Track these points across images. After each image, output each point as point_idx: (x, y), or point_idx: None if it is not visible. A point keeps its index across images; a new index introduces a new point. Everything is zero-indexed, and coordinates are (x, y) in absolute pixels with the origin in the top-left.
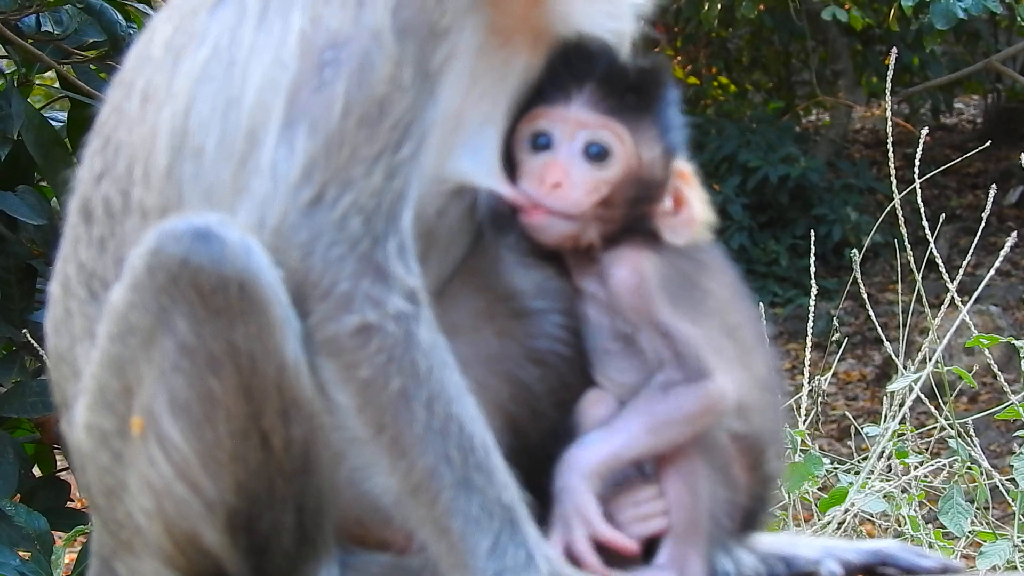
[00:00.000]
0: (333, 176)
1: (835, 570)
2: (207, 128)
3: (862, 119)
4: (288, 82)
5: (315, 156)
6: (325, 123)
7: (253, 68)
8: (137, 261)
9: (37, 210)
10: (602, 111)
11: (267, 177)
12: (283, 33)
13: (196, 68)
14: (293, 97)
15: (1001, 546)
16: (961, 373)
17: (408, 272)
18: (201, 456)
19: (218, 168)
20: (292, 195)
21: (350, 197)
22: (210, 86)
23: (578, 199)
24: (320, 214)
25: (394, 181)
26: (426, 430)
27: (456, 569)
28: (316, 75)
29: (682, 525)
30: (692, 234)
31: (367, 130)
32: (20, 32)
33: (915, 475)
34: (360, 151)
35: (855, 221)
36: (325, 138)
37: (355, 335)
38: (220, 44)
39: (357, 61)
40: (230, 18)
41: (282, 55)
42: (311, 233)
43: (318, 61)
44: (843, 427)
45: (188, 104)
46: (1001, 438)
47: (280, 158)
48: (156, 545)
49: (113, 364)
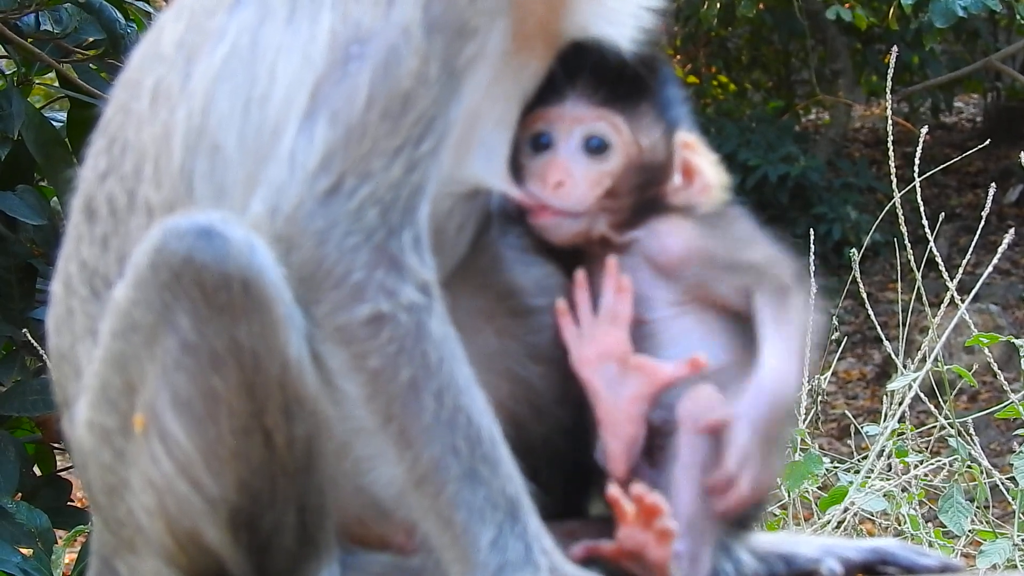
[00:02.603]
0: (352, 167)
1: (835, 569)
2: (227, 127)
3: (862, 118)
4: (313, 77)
5: (335, 146)
6: (347, 114)
7: (281, 68)
8: (140, 258)
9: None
10: (596, 103)
11: (284, 165)
12: (312, 32)
13: (214, 67)
14: (316, 90)
15: (1001, 545)
16: (961, 372)
17: (422, 264)
18: (203, 454)
19: (235, 166)
20: (309, 183)
21: (368, 188)
22: (230, 85)
23: (582, 195)
24: (337, 203)
25: (413, 175)
26: (434, 421)
27: (458, 562)
28: (340, 68)
29: (693, 520)
30: (709, 200)
31: (389, 123)
32: (19, 31)
33: (915, 474)
34: (381, 144)
35: (855, 220)
36: (346, 129)
37: (367, 324)
38: (240, 43)
39: (383, 55)
40: (250, 18)
41: (311, 53)
42: (326, 222)
43: (344, 55)
44: (843, 426)
45: (206, 103)
46: (1001, 437)
47: (299, 147)
48: (157, 543)
49: (116, 361)
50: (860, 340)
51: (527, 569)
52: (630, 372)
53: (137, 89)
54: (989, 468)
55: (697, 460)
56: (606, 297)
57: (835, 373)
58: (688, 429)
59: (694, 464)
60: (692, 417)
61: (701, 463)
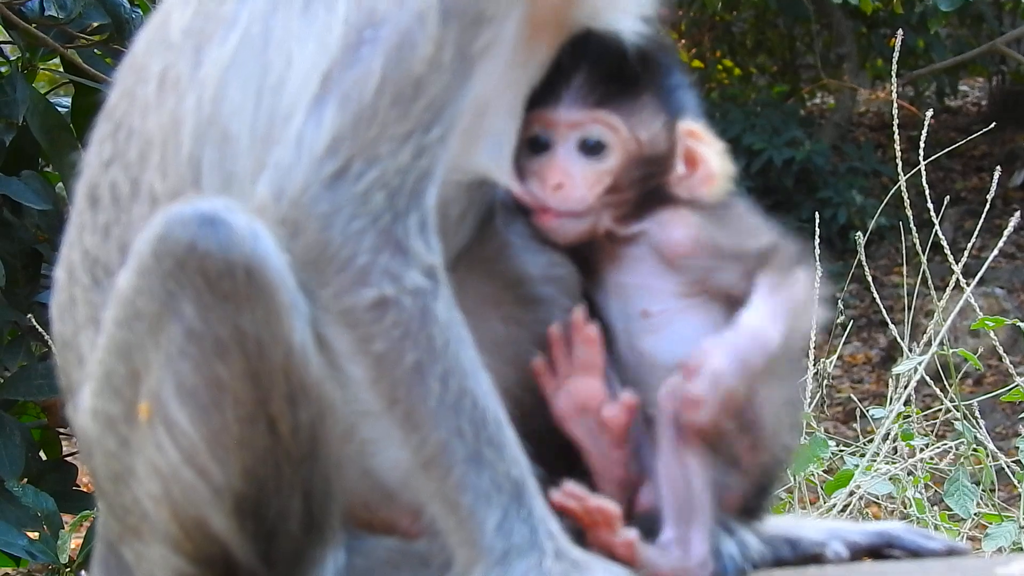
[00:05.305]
0: (360, 151)
1: (841, 552)
2: (238, 115)
3: (867, 102)
4: (327, 63)
5: (344, 130)
6: (358, 98)
7: (296, 56)
8: (144, 246)
9: (42, 195)
10: (590, 105)
11: (292, 148)
12: (328, 20)
13: (225, 55)
14: (328, 74)
15: (1007, 528)
16: (967, 355)
17: (427, 249)
18: (208, 441)
19: (244, 155)
20: (316, 167)
21: (375, 172)
22: (241, 74)
23: (582, 196)
24: (343, 187)
25: (421, 160)
26: (439, 404)
27: (464, 545)
28: (353, 52)
29: (680, 504)
30: (714, 189)
31: (400, 108)
32: (24, 16)
33: (921, 457)
34: (390, 129)
35: (860, 204)
36: (356, 113)
37: (371, 309)
38: (252, 32)
39: (397, 40)
40: (262, 5)
41: (327, 42)
42: (332, 205)
43: (356, 39)
44: (848, 410)
45: (217, 92)
46: (1007, 420)
47: (308, 130)
48: (163, 530)
49: (120, 349)
50: (865, 324)
51: (532, 553)
52: (606, 422)
53: (143, 74)
54: (995, 451)
55: (679, 447)
56: (576, 349)
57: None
58: (668, 417)
59: (676, 450)
60: (672, 404)
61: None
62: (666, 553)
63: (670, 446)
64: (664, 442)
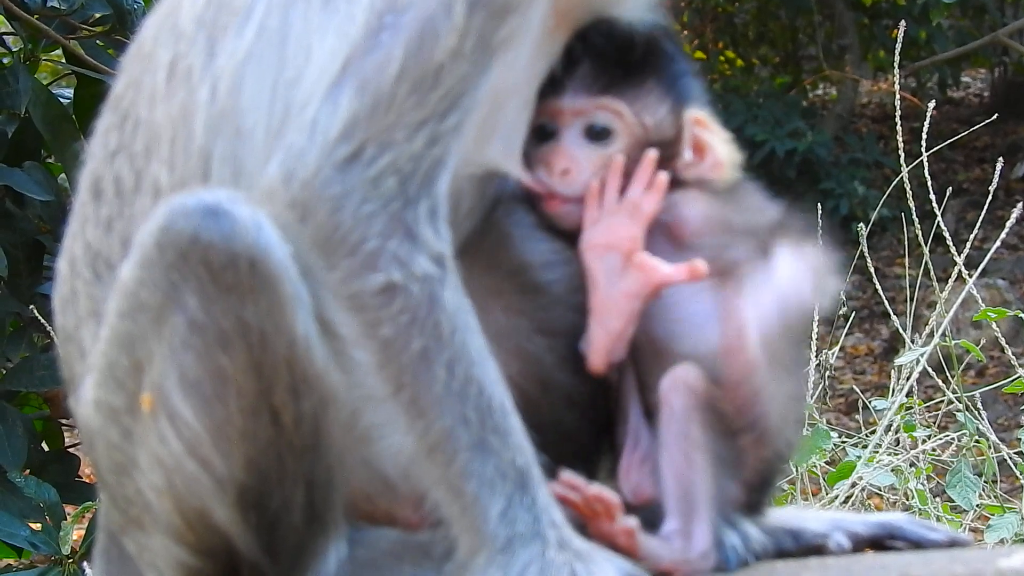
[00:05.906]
0: (374, 136)
1: (843, 543)
2: (253, 110)
3: (869, 93)
4: (347, 51)
5: (359, 115)
6: (376, 84)
7: (316, 49)
8: (147, 238)
9: (44, 186)
10: (595, 92)
11: (305, 132)
12: (349, 11)
13: (242, 48)
14: (347, 60)
15: (1009, 519)
16: (969, 346)
17: (437, 236)
18: (211, 433)
19: (257, 149)
20: (329, 150)
21: (388, 158)
22: (258, 67)
23: (589, 181)
24: (355, 171)
25: (435, 148)
26: (445, 391)
27: (468, 532)
28: (373, 37)
29: (682, 495)
30: (721, 176)
31: (418, 96)
32: (26, 7)
33: (923, 449)
34: (406, 116)
35: (862, 195)
36: (373, 98)
37: (379, 294)
38: (269, 24)
39: (419, 27)
40: None
41: (348, 31)
42: (343, 188)
43: (378, 25)
44: (851, 401)
45: (232, 85)
46: (1009, 411)
47: (323, 115)
48: (166, 521)
49: (122, 341)
50: (868, 315)
51: (535, 542)
52: (632, 267)
53: (151, 64)
54: (997, 443)
55: (682, 437)
56: (633, 188)
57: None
58: (671, 407)
59: (679, 441)
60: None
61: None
62: (668, 544)
63: (674, 436)
64: (668, 433)
